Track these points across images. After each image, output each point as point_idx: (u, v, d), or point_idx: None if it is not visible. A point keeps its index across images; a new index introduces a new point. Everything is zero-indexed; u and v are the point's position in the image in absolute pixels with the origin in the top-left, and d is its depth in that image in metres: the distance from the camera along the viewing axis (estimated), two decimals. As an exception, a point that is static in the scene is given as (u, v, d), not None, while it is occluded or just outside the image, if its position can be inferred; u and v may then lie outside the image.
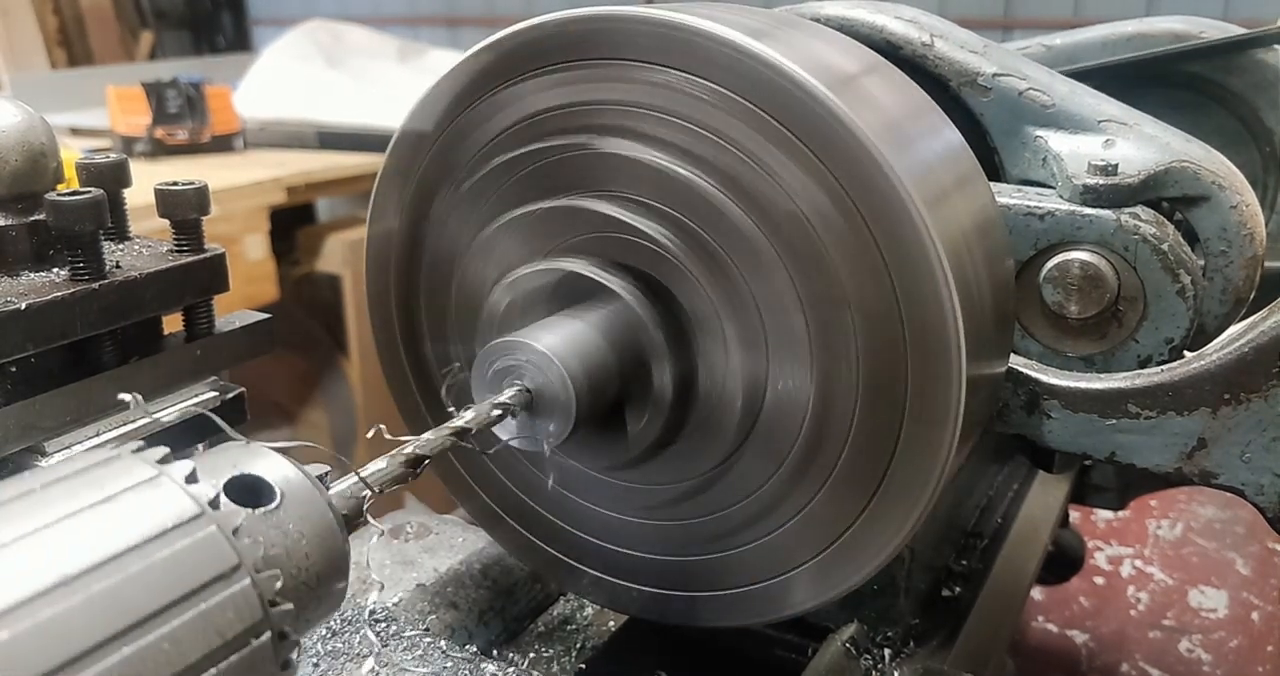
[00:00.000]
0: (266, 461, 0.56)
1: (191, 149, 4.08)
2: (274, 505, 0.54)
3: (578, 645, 1.05)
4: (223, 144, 4.18)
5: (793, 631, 1.04)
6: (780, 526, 0.87)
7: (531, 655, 1.03)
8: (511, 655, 1.03)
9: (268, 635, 0.50)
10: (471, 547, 1.15)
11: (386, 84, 4.72)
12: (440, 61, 4.69)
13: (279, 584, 0.52)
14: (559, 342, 0.79)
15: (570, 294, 0.87)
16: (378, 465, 0.68)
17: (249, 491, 0.54)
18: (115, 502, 0.49)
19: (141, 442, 0.53)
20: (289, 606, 0.52)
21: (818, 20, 1.05)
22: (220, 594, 0.48)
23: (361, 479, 0.65)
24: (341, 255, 3.89)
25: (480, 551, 1.14)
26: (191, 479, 0.52)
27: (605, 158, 0.84)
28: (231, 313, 1.01)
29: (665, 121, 0.81)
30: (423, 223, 0.97)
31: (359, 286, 3.65)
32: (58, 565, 0.45)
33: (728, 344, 0.83)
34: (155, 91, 4.05)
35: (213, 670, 0.47)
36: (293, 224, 4.06)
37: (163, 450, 0.53)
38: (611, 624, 1.08)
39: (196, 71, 4.70)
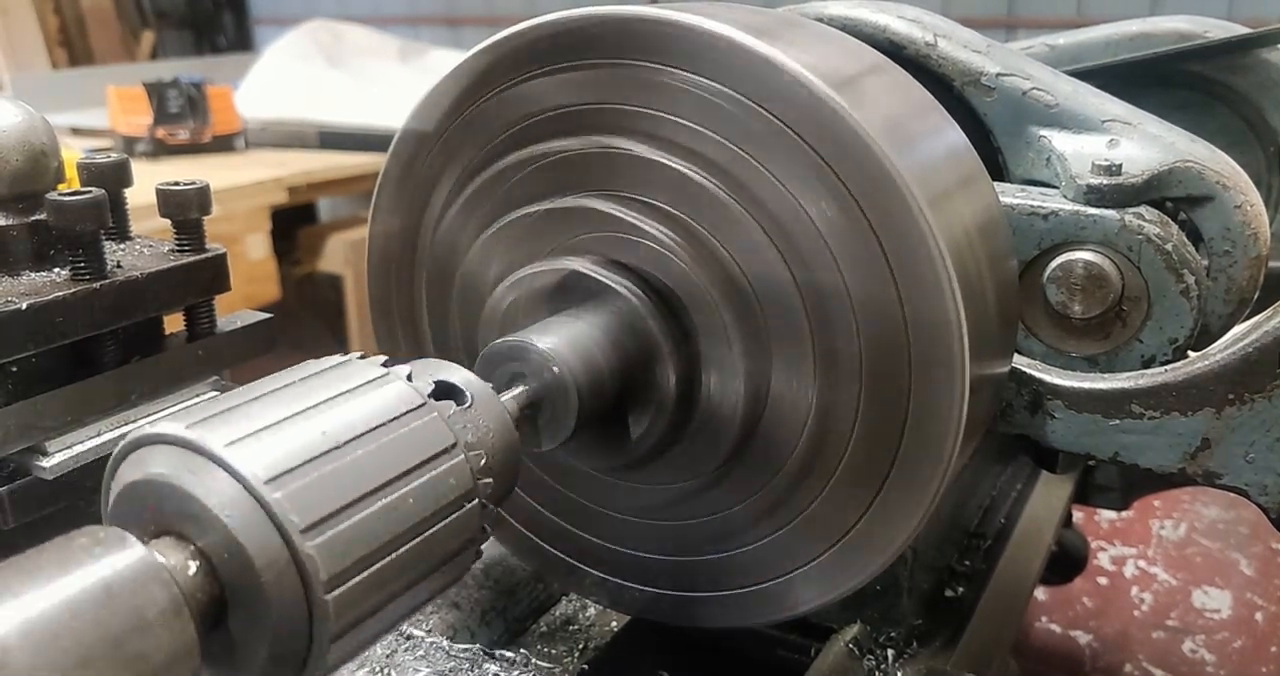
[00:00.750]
0: (457, 372, 0.70)
1: (193, 149, 4.09)
2: (468, 404, 0.68)
3: (580, 645, 1.04)
4: (224, 144, 4.18)
5: (795, 632, 1.04)
6: (783, 526, 0.86)
7: (535, 657, 1.03)
8: (513, 655, 1.03)
9: (476, 501, 0.63)
10: (474, 548, 1.15)
11: (387, 84, 4.73)
12: (441, 61, 4.69)
13: (483, 462, 0.65)
14: (561, 343, 0.79)
15: (573, 294, 0.87)
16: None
17: (447, 392, 0.68)
18: (360, 393, 0.62)
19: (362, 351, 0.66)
20: (489, 480, 0.65)
21: (821, 20, 1.05)
22: (443, 465, 0.61)
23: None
24: (343, 255, 3.89)
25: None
26: (410, 379, 0.65)
27: (607, 157, 0.84)
28: (233, 312, 1.01)
29: (667, 121, 0.80)
30: (424, 222, 0.97)
31: (360, 286, 3.66)
32: (328, 436, 0.58)
33: (730, 344, 0.83)
34: (156, 91, 4.06)
35: (440, 524, 0.61)
36: (294, 224, 4.06)
37: (382, 357, 0.66)
38: (614, 624, 1.08)
39: (198, 71, 4.71)
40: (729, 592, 0.91)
